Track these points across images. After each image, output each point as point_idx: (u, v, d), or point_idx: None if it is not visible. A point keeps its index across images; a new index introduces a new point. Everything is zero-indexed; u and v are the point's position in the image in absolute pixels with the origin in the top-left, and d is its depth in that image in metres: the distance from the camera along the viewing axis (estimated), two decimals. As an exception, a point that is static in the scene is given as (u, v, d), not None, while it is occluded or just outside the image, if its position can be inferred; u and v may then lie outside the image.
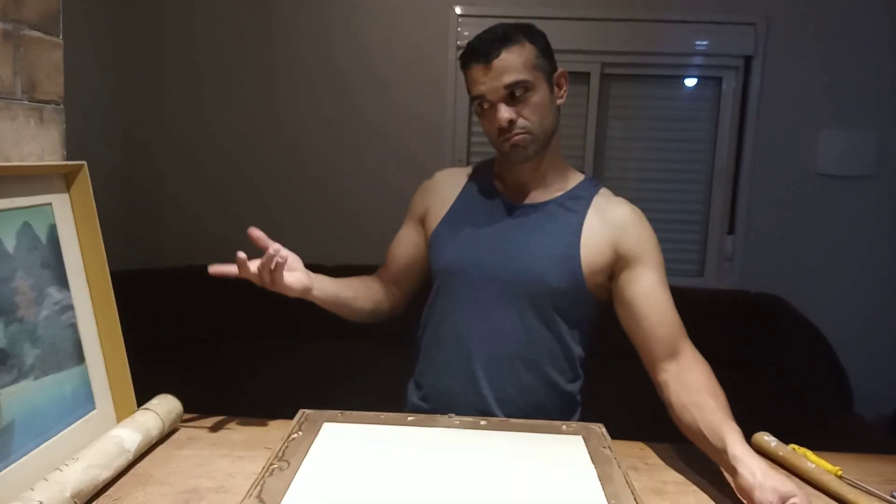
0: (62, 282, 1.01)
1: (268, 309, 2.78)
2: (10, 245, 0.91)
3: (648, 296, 1.25)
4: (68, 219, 1.04)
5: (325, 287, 1.25)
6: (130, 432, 0.98)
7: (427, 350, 1.41)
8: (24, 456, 0.88)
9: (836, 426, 2.24)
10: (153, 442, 1.04)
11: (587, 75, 3.00)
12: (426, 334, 1.42)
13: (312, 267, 1.37)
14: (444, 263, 1.35)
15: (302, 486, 0.91)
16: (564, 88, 1.31)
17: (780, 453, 1.11)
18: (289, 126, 3.09)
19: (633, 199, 3.13)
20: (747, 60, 2.94)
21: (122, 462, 0.95)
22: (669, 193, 3.08)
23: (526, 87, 1.22)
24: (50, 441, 0.93)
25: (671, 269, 3.19)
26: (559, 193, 1.34)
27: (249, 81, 3.07)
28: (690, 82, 3.06)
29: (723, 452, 0.98)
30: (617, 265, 1.28)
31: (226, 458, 1.03)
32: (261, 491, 0.88)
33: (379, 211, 2.98)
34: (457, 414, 1.21)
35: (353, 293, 1.34)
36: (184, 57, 3.07)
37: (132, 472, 0.98)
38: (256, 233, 1.17)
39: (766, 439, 1.16)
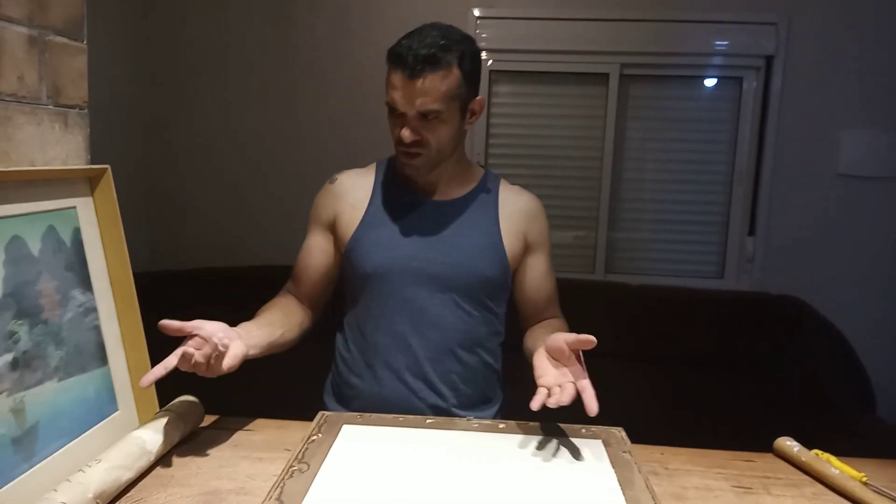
0: (86, 284, 1.02)
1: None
2: (35, 248, 0.93)
3: (538, 279, 1.43)
4: (92, 222, 1.05)
5: (257, 342, 1.19)
6: (152, 433, 0.99)
7: (355, 357, 1.39)
8: (47, 457, 0.89)
9: (858, 430, 2.21)
10: (175, 443, 1.05)
11: (606, 76, 2.99)
12: (353, 341, 1.40)
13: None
14: (372, 267, 1.33)
15: (322, 488, 0.92)
16: (477, 115, 1.33)
17: (804, 459, 1.10)
18: (307, 130, 3.11)
19: (651, 201, 3.10)
20: (768, 60, 2.91)
21: (143, 463, 0.96)
22: (689, 195, 3.06)
23: (437, 115, 1.23)
24: (73, 442, 0.94)
25: (691, 270, 3.19)
26: (471, 187, 1.40)
27: (269, 87, 3.10)
28: (710, 83, 3.04)
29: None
30: (524, 250, 1.41)
31: (246, 459, 1.04)
32: (281, 493, 0.89)
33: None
34: (409, 414, 1.22)
35: (280, 329, 1.29)
36: (204, 63, 3.10)
37: (154, 473, 0.98)
38: (172, 325, 1.03)
39: (789, 444, 1.14)
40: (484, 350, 1.39)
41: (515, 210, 1.40)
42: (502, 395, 1.48)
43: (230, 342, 1.08)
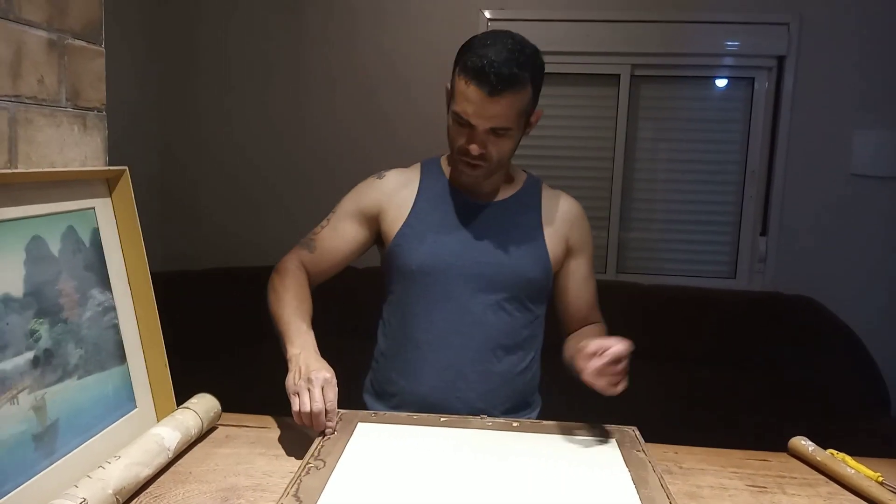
0: (105, 284, 1.03)
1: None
2: (55, 248, 0.94)
3: (580, 283, 1.43)
4: (110, 222, 1.06)
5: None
6: (170, 431, 1.00)
7: (396, 354, 1.39)
8: (68, 453, 0.90)
9: (872, 430, 2.20)
10: (192, 440, 1.06)
11: (617, 77, 2.99)
12: (394, 338, 1.40)
13: (343, 269, 1.40)
14: (417, 264, 1.33)
15: (338, 484, 0.92)
16: (533, 126, 1.34)
17: (819, 458, 1.10)
18: (317, 133, 3.13)
19: (663, 201, 3.10)
20: (780, 60, 2.90)
21: (162, 460, 0.97)
22: (701, 195, 3.05)
23: (507, 132, 1.24)
24: (93, 439, 0.95)
25: (703, 270, 3.18)
26: (515, 190, 1.40)
27: (280, 90, 3.13)
28: (722, 83, 3.04)
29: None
30: (566, 253, 1.40)
31: (263, 456, 1.05)
32: (298, 489, 0.90)
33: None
34: (448, 413, 1.23)
35: (310, 313, 1.32)
36: (218, 67, 3.13)
37: (172, 469, 1.00)
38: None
39: (804, 444, 1.14)
40: (524, 352, 1.38)
41: (558, 214, 1.40)
42: (541, 400, 1.47)
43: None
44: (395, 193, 1.39)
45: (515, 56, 1.19)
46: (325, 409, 1.06)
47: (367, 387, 1.47)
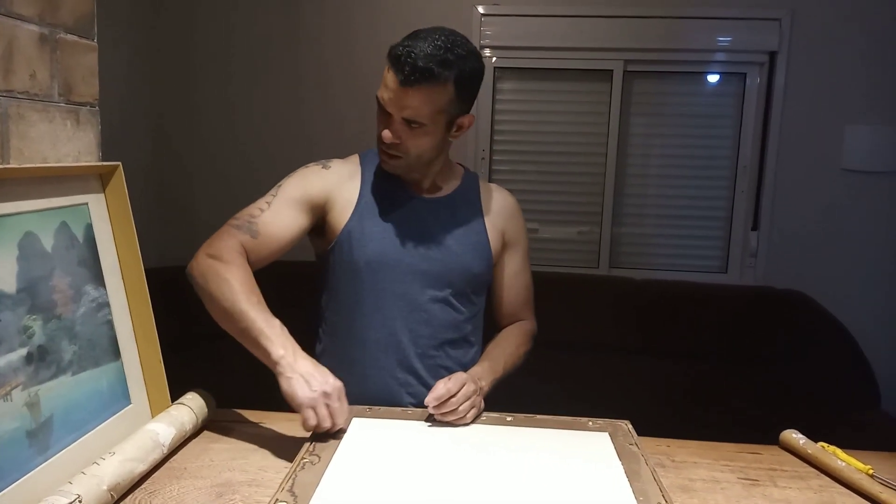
0: (98, 279, 1.03)
1: (294, 304, 2.82)
2: (48, 244, 0.94)
3: (512, 277, 1.46)
4: (104, 218, 1.06)
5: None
6: (165, 426, 1.01)
7: (342, 353, 1.35)
8: (62, 450, 0.90)
9: (863, 423, 2.22)
10: (187, 436, 1.06)
11: (610, 73, 2.99)
12: (338, 337, 1.37)
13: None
14: (365, 260, 1.31)
15: (333, 479, 0.93)
16: (464, 131, 1.32)
17: (810, 451, 1.11)
18: (312, 129, 3.13)
19: (655, 196, 3.12)
20: (772, 56, 2.91)
21: (157, 456, 0.97)
22: (693, 190, 3.07)
23: (421, 126, 1.23)
24: (87, 435, 0.95)
25: (695, 265, 3.19)
26: (455, 186, 1.42)
27: (275, 84, 3.11)
28: (714, 78, 3.05)
29: None
30: (502, 248, 1.44)
31: (258, 451, 1.05)
32: (293, 484, 0.90)
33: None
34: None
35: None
36: (213, 61, 3.12)
37: (167, 465, 1.00)
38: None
39: (795, 437, 1.15)
40: (469, 344, 1.42)
41: (496, 208, 1.43)
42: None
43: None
44: (341, 185, 1.36)
45: (440, 53, 1.18)
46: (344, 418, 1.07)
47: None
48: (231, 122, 3.15)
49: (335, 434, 1.06)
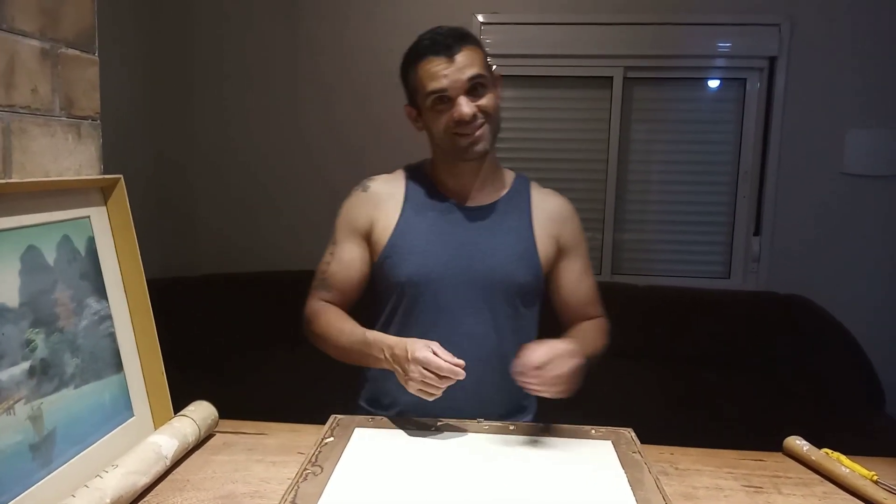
0: (101, 292, 1.03)
1: (296, 316, 2.82)
2: (50, 258, 0.94)
3: (576, 282, 1.41)
4: (106, 231, 1.06)
5: None
6: (168, 439, 1.01)
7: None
8: (65, 463, 0.90)
9: (868, 429, 2.21)
10: (190, 448, 1.06)
11: (610, 79, 3.00)
12: None
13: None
14: (407, 275, 1.31)
15: (336, 490, 0.93)
16: (499, 90, 1.34)
17: (814, 458, 1.10)
18: (312, 139, 3.14)
19: (657, 202, 3.10)
20: (772, 61, 2.92)
21: (159, 468, 0.97)
22: (694, 195, 3.07)
23: (483, 83, 1.26)
24: (90, 448, 0.95)
25: (698, 270, 3.18)
26: (503, 192, 1.38)
27: (274, 96, 3.13)
28: (714, 84, 3.05)
29: None
30: (557, 253, 1.39)
31: (260, 463, 1.05)
32: (295, 496, 0.90)
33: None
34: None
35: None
36: (212, 74, 3.14)
37: (169, 477, 1.00)
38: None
39: (799, 443, 1.15)
40: (516, 357, 1.35)
41: (547, 214, 1.38)
42: (536, 403, 1.44)
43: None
44: (381, 204, 1.37)
45: (453, 28, 1.29)
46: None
47: (362, 403, 1.42)
48: (231, 133, 3.16)
49: (338, 444, 1.07)
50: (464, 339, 1.29)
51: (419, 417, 1.23)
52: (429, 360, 1.09)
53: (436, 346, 1.12)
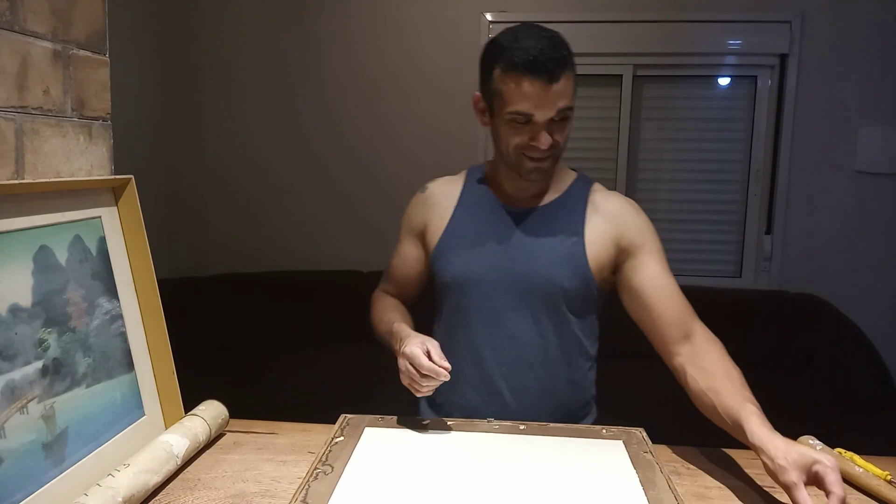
0: (112, 292, 1.04)
1: (305, 315, 2.83)
2: (62, 258, 0.95)
3: (654, 282, 1.27)
4: (117, 231, 1.07)
5: None
6: (179, 438, 1.01)
7: None
8: (77, 462, 0.91)
9: (881, 427, 2.19)
10: (200, 447, 1.06)
11: (619, 77, 2.99)
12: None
13: (349, 273, 1.40)
14: (451, 276, 1.32)
15: (346, 489, 0.93)
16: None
17: (826, 457, 1.09)
18: (320, 141, 3.15)
19: (667, 201, 3.09)
20: (783, 58, 2.90)
21: (171, 467, 0.97)
22: (705, 194, 3.05)
23: (569, 115, 1.21)
24: (102, 447, 0.96)
25: (709, 269, 3.16)
26: (557, 194, 1.33)
27: (283, 98, 3.15)
28: (725, 82, 3.04)
29: (744, 436, 1.01)
30: (620, 257, 1.29)
31: (271, 462, 1.05)
32: (306, 495, 0.90)
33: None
34: None
35: (405, 313, 1.41)
36: (222, 76, 3.16)
37: (180, 476, 1.00)
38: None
39: (812, 443, 1.14)
40: (565, 365, 1.32)
41: (604, 215, 1.30)
42: (596, 412, 1.41)
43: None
44: (436, 205, 1.39)
45: (555, 41, 1.19)
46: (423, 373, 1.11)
47: (422, 400, 1.42)
48: (240, 134, 3.17)
49: (348, 444, 1.07)
50: (505, 341, 1.29)
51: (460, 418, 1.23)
52: (413, 355, 1.11)
53: (432, 344, 1.14)
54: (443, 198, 1.39)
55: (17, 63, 0.92)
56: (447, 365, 1.11)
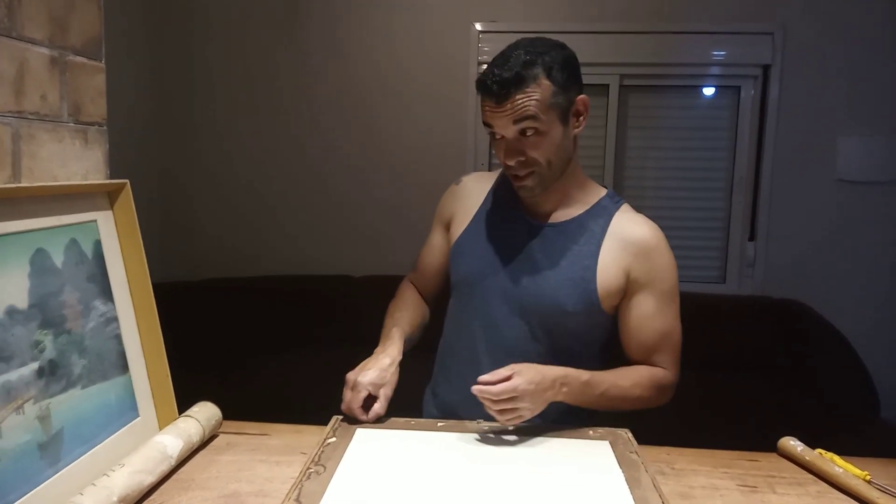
0: (107, 295, 1.05)
1: (296, 320, 2.84)
2: (58, 260, 0.96)
3: (639, 319, 1.27)
4: (112, 234, 1.08)
5: (402, 347, 1.31)
6: (173, 439, 1.02)
7: (442, 360, 1.43)
8: (72, 462, 0.92)
9: (862, 431, 2.23)
10: (194, 448, 1.07)
11: (606, 87, 3.03)
12: (443, 344, 1.43)
13: (340, 279, 1.41)
14: (461, 275, 1.35)
15: (338, 488, 0.94)
16: (584, 116, 1.24)
17: (807, 458, 1.12)
18: (312, 147, 3.16)
19: (652, 208, 3.13)
20: (765, 69, 2.95)
21: (165, 468, 0.98)
22: (690, 201, 3.10)
23: (535, 130, 1.17)
24: (96, 448, 0.97)
25: (693, 275, 3.19)
26: (579, 212, 1.29)
27: (275, 106, 3.17)
28: (709, 92, 3.09)
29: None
30: (627, 288, 1.27)
31: (264, 463, 1.06)
32: (299, 494, 0.92)
33: (399, 225, 3.04)
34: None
35: (419, 329, 1.40)
36: (214, 83, 3.17)
37: (174, 477, 1.01)
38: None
39: (793, 444, 1.17)
40: None
41: (622, 243, 1.26)
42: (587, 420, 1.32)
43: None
44: (465, 199, 1.40)
45: (521, 59, 1.16)
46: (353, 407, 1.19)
47: (428, 390, 1.48)
48: (232, 141, 3.18)
49: (340, 444, 1.09)
50: (502, 350, 1.28)
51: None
52: (347, 381, 1.21)
53: (377, 382, 1.20)
54: (472, 194, 1.40)
55: (14, 69, 0.93)
56: (361, 417, 1.19)
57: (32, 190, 0.93)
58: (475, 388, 1.10)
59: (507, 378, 1.10)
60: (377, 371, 1.21)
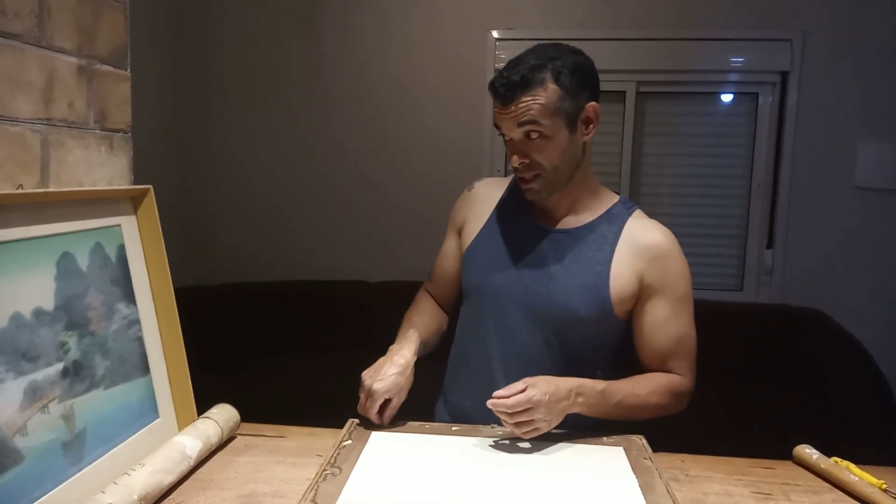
0: (130, 298, 1.07)
1: (312, 324, 2.86)
2: (83, 264, 0.98)
3: (653, 325, 1.27)
4: (135, 239, 1.11)
5: (418, 349, 1.30)
6: (192, 439, 1.04)
7: (454, 367, 1.42)
8: (94, 461, 0.94)
9: (879, 440, 2.20)
10: (213, 448, 1.09)
11: (622, 94, 3.03)
12: (455, 351, 1.43)
13: (355, 284, 1.43)
14: (473, 282, 1.35)
15: (354, 490, 0.96)
16: (594, 124, 1.25)
17: (823, 466, 1.11)
18: (328, 153, 3.21)
19: (669, 215, 3.12)
20: (784, 76, 2.94)
21: (184, 468, 1.00)
22: (707, 208, 3.08)
23: (539, 133, 1.19)
24: (118, 447, 0.99)
25: (710, 283, 3.17)
26: (591, 218, 1.30)
27: (291, 113, 3.20)
28: (727, 98, 3.07)
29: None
30: (640, 293, 1.27)
31: (280, 464, 1.08)
32: (315, 495, 0.93)
33: (414, 231, 3.06)
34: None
35: (435, 335, 1.40)
36: (232, 91, 3.21)
37: (193, 476, 1.03)
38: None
39: (808, 452, 1.16)
40: None
41: (635, 248, 1.26)
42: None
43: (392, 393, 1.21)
44: (477, 205, 1.41)
45: (530, 62, 1.18)
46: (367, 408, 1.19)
47: (442, 397, 1.47)
48: (247, 147, 3.22)
49: (356, 447, 1.10)
50: (515, 356, 1.29)
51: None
52: (362, 382, 1.21)
53: (386, 383, 1.20)
54: (484, 200, 1.41)
55: (44, 77, 0.96)
56: (377, 421, 1.20)
57: (60, 195, 0.96)
58: (490, 403, 1.10)
59: (522, 391, 1.10)
60: (392, 378, 1.20)
